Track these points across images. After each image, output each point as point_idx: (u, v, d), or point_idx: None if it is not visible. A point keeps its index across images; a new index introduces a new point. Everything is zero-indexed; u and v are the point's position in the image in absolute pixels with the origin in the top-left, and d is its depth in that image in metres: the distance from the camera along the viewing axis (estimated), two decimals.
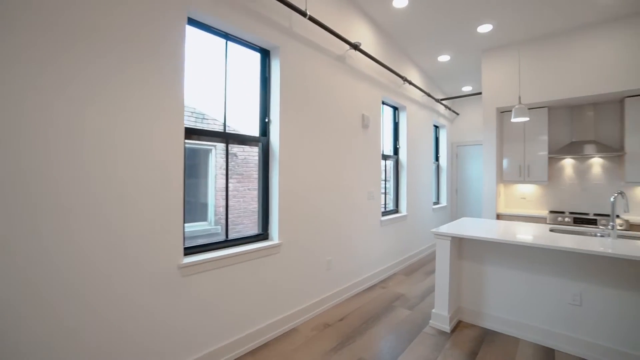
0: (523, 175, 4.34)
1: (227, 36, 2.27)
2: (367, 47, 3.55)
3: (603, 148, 3.83)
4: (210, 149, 3.69)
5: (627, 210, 2.37)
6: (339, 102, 3.12)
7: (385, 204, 4.37)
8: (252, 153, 3.72)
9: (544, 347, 2.35)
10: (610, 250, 1.97)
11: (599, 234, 2.69)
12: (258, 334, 2.31)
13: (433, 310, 2.67)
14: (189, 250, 1.99)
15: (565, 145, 4.26)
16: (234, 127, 2.61)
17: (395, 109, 4.57)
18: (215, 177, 3.53)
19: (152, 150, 1.72)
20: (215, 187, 3.65)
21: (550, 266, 2.39)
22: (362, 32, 3.46)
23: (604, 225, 3.66)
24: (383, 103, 4.17)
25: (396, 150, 4.58)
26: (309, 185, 2.77)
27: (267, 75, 2.55)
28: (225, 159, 2.31)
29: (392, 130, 4.57)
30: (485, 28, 3.67)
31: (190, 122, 3.18)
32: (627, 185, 3.81)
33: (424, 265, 4.59)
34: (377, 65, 3.77)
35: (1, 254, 1.26)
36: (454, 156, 6.58)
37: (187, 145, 2.22)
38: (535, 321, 2.45)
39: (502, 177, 4.50)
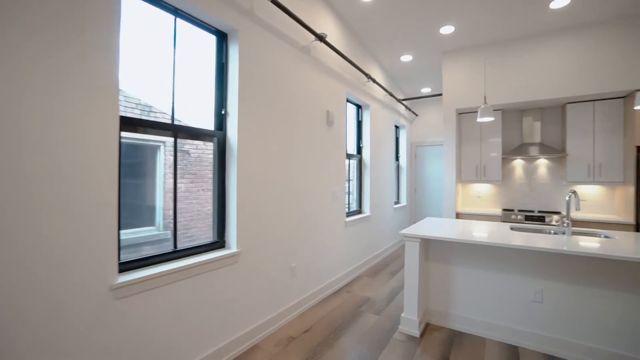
0: (479, 175, 4.50)
1: (176, 12, 1.94)
2: (332, 40, 3.38)
3: (548, 150, 4.09)
4: (159, 146, 3.25)
5: (578, 209, 2.47)
6: (303, 96, 2.91)
7: (348, 205, 4.26)
8: (207, 151, 3.37)
9: (509, 345, 2.37)
10: (573, 249, 2.00)
11: (552, 232, 2.81)
12: (214, 357, 2.02)
13: (402, 315, 2.57)
14: (126, 266, 1.64)
15: (516, 147, 4.50)
16: (186, 121, 2.27)
17: (358, 107, 4.47)
18: (165, 176, 3.11)
19: (76, 144, 1.36)
20: (164, 188, 3.23)
21: (514, 265, 2.42)
22: (327, 25, 3.29)
23: (553, 221, 3.89)
24: (347, 101, 4.05)
25: (359, 150, 4.49)
26: (272, 185, 2.52)
27: (223, 61, 2.25)
28: (173, 156, 1.98)
29: (356, 129, 4.47)
30: (447, 29, 3.71)
31: (134, 115, 2.75)
32: (568, 184, 4.11)
33: (387, 265, 4.56)
34: (342, 60, 3.62)
35: None
36: (413, 156, 6.72)
37: (130, 141, 1.86)
38: (500, 320, 2.46)
39: (461, 177, 4.63)
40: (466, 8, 3.29)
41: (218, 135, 2.20)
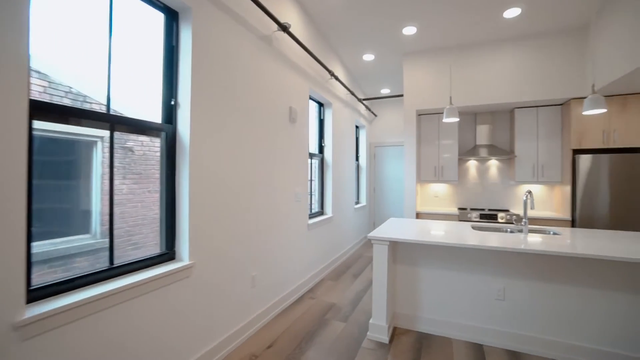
0: (437, 175, 4.62)
1: None
2: (295, 33, 3.18)
3: (498, 152, 4.32)
4: (95, 142, 2.78)
5: (532, 208, 2.58)
6: (265, 90, 2.67)
7: (311, 206, 4.10)
8: (154, 148, 2.96)
9: (474, 344, 2.39)
10: (541, 248, 2.05)
11: (508, 230, 2.92)
12: None
13: (370, 321, 2.47)
14: (40, 293, 1.29)
15: (470, 148, 4.71)
16: (127, 113, 1.91)
17: (320, 105, 4.33)
18: (102, 176, 2.66)
19: None
20: (101, 190, 2.77)
21: (477, 264, 2.44)
22: (291, 16, 3.08)
23: (503, 219, 4.11)
24: (310, 98, 3.88)
25: (321, 149, 4.36)
26: (229, 186, 2.25)
27: (173, 44, 1.94)
28: (109, 152, 1.64)
29: (317, 128, 4.33)
30: (409, 30, 3.72)
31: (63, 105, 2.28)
32: (517, 184, 4.39)
33: (349, 267, 4.48)
34: (306, 55, 3.45)
35: None
36: (372, 156, 6.77)
37: (58, 135, 1.49)
38: (465, 319, 2.48)
39: (420, 177, 4.72)
40: (428, 10, 3.31)
41: (167, 129, 1.89)
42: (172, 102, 1.93)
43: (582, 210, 3.70)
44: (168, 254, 1.88)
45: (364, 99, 5.61)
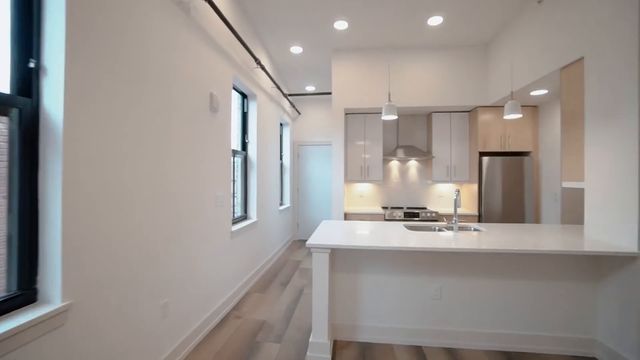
0: (364, 175, 4.64)
1: None
2: (220, 8, 2.68)
3: (418, 152, 4.57)
4: None
5: (459, 206, 2.70)
6: (180, 68, 2.13)
7: (234, 210, 3.60)
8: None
9: (414, 346, 2.34)
10: (484, 247, 2.08)
11: (437, 228, 3.02)
12: None
13: (311, 339, 2.19)
14: None
15: (393, 149, 4.87)
16: None
17: (244, 96, 3.87)
18: None
19: None
20: None
21: (415, 265, 2.41)
22: None
23: (420, 217, 4.33)
24: (233, 88, 3.38)
25: (244, 146, 3.89)
26: (128, 191, 1.68)
27: None
28: None
29: (240, 122, 3.85)
30: (341, 25, 3.58)
31: None
32: (433, 183, 4.71)
33: (276, 274, 4.12)
34: (230, 35, 2.96)
35: None
36: (296, 155, 6.54)
37: None
38: (404, 323, 2.41)
39: (347, 177, 4.67)
40: (359, 6, 3.21)
41: (21, 104, 1.25)
42: (32, 65, 1.28)
43: (486, 206, 4.15)
44: (24, 294, 1.24)
45: (289, 95, 5.32)
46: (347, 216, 4.39)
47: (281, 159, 6.04)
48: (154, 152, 1.86)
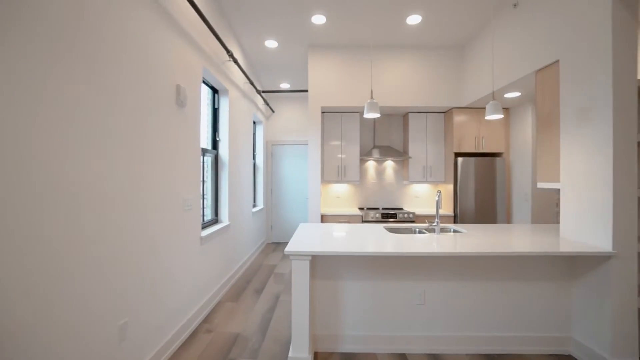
0: (340, 175, 4.53)
1: None
2: None
3: (394, 153, 4.54)
4: None
5: (440, 207, 2.65)
6: (142, 55, 1.87)
7: (203, 214, 3.34)
8: None
9: (398, 354, 2.24)
10: (463, 250, 2.01)
11: (417, 230, 2.96)
12: None
13: (290, 354, 2.03)
14: None
15: (370, 149, 4.81)
16: None
17: (215, 91, 3.60)
18: None
19: None
20: None
21: (400, 270, 2.32)
22: None
23: (397, 217, 4.29)
24: (203, 81, 3.12)
25: (215, 144, 3.63)
26: (75, 195, 1.42)
27: None
28: None
29: (211, 118, 3.58)
30: (319, 19, 3.43)
31: None
32: (410, 183, 4.70)
33: (250, 281, 3.90)
34: (200, 24, 2.71)
35: None
36: (269, 155, 6.31)
37: None
38: (388, 330, 2.31)
39: (323, 178, 4.54)
40: (337, 1, 3.09)
41: None
42: None
43: (461, 207, 4.20)
44: None
45: (263, 92, 5.09)
46: (323, 218, 4.26)
47: (254, 158, 5.79)
48: (107, 151, 1.61)
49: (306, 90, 5.02)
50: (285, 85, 5.78)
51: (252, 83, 4.24)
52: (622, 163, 2.06)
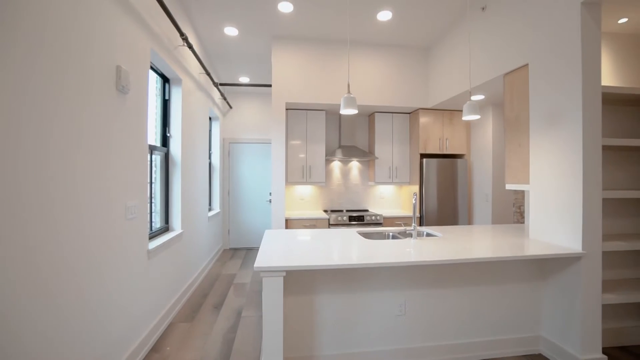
0: (305, 176, 4.29)
1: None
2: None
3: (360, 153, 4.41)
4: None
5: (415, 211, 2.55)
6: (69, 25, 1.44)
7: (151, 222, 2.87)
8: None
9: None
10: (450, 257, 1.89)
11: (390, 235, 2.84)
12: None
13: None
14: None
15: (335, 149, 4.63)
16: None
17: (166, 80, 3.14)
18: None
19: None
20: None
21: (378, 280, 2.15)
22: None
23: (371, 221, 4.17)
24: (151, 67, 2.66)
25: (165, 141, 3.17)
26: None
27: None
28: None
29: (161, 111, 3.12)
30: (285, 6, 3.15)
31: None
32: (375, 184, 4.61)
33: (206, 294, 3.49)
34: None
35: None
36: (226, 154, 5.85)
37: None
38: (368, 346, 2.13)
39: (287, 179, 4.26)
40: None
41: None
42: None
43: (426, 208, 4.21)
44: None
45: (220, 84, 4.65)
46: (288, 222, 3.98)
47: (210, 157, 5.30)
48: (18, 146, 1.18)
49: (268, 85, 4.70)
50: (244, 79, 5.38)
51: (208, 74, 3.82)
52: (590, 166, 2.10)
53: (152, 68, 2.78)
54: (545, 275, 2.36)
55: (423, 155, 4.36)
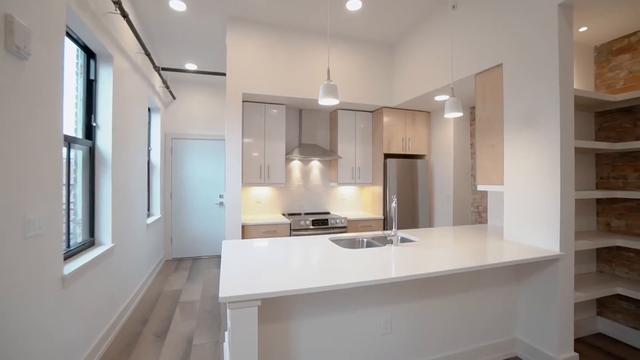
0: (263, 177, 3.87)
1: None
2: None
3: (322, 152, 4.13)
4: None
5: (393, 216, 2.35)
6: None
7: (68, 236, 2.22)
8: None
9: None
10: (441, 269, 1.69)
11: (364, 241, 2.60)
12: None
13: None
14: None
15: (295, 147, 4.28)
16: None
17: (91, 55, 2.49)
18: None
19: None
20: None
21: (360, 297, 1.88)
22: None
23: (335, 224, 3.90)
24: (68, 35, 2.03)
25: (90, 132, 2.52)
26: None
27: None
28: None
29: (83, 94, 2.46)
30: None
31: None
32: (337, 185, 4.37)
33: (145, 320, 2.89)
34: None
35: None
36: (169, 151, 5.13)
37: None
38: None
39: (244, 180, 3.80)
40: None
41: None
42: None
43: (390, 209, 4.09)
44: None
45: (164, 69, 3.99)
46: (245, 229, 3.53)
47: (149, 154, 4.56)
48: None
49: (219, 74, 4.17)
50: (192, 67, 4.74)
51: (149, 55, 3.19)
52: (565, 167, 2.10)
53: (70, 36, 2.15)
54: (520, 278, 2.33)
55: (387, 155, 4.25)
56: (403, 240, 2.62)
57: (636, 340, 2.47)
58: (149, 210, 4.57)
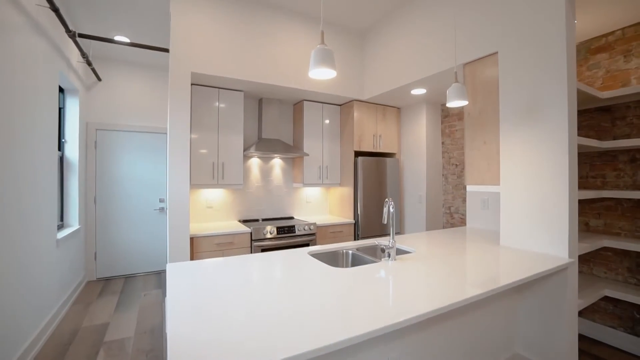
0: (217, 177, 3.23)
1: None
2: None
3: (285, 148, 3.60)
4: None
5: (384, 222, 1.96)
6: None
7: None
8: None
9: None
10: (459, 299, 1.32)
11: (349, 252, 2.17)
12: None
13: None
14: None
15: (254, 142, 3.69)
16: None
17: None
18: None
19: None
20: None
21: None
22: None
23: (303, 232, 3.39)
24: None
25: None
26: None
27: None
28: None
29: None
30: None
31: None
32: (303, 186, 3.88)
33: None
34: None
35: None
36: (92, 145, 4.14)
37: None
38: None
39: (192, 181, 3.11)
40: None
41: None
42: None
43: (361, 211, 3.73)
44: None
45: (82, 36, 3.07)
46: (194, 241, 2.86)
47: (61, 148, 3.58)
48: None
49: (160, 49, 3.38)
50: (122, 38, 3.82)
51: (58, 13, 2.36)
52: (573, 167, 1.91)
53: None
54: (520, 288, 2.11)
55: (358, 154, 3.89)
56: (398, 251, 2.25)
57: (615, 340, 2.44)
58: (61, 220, 3.58)
